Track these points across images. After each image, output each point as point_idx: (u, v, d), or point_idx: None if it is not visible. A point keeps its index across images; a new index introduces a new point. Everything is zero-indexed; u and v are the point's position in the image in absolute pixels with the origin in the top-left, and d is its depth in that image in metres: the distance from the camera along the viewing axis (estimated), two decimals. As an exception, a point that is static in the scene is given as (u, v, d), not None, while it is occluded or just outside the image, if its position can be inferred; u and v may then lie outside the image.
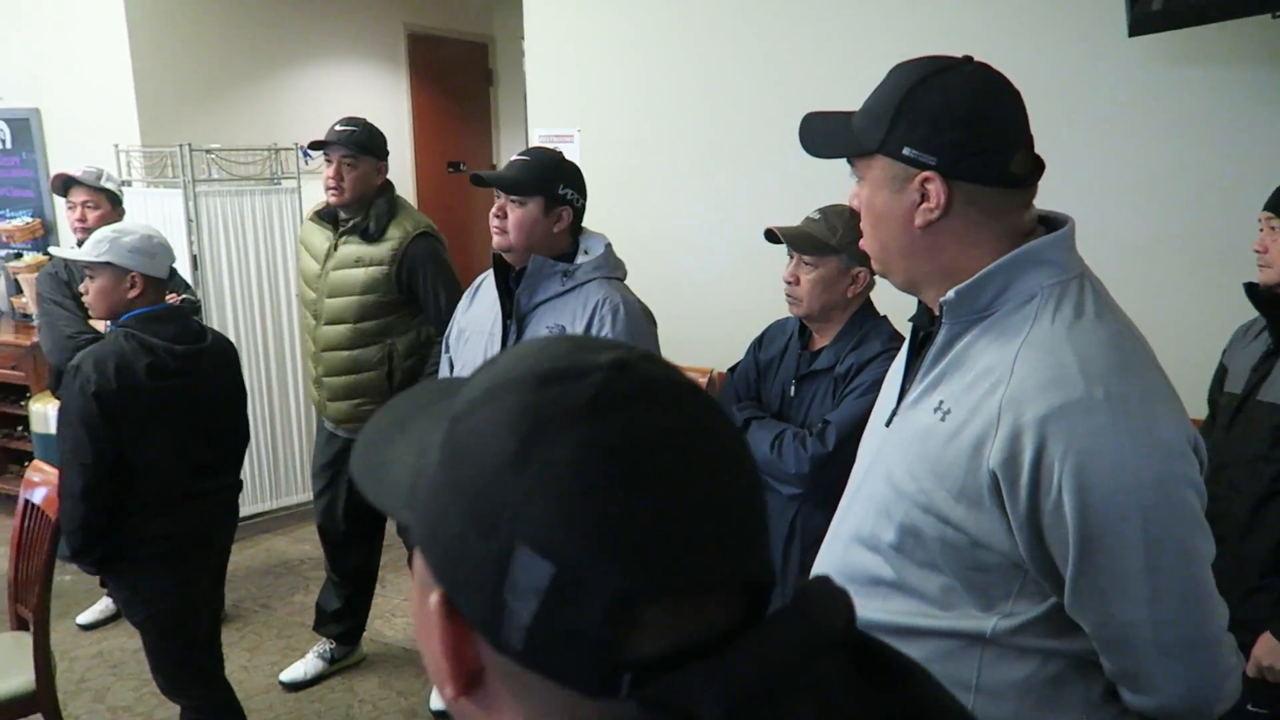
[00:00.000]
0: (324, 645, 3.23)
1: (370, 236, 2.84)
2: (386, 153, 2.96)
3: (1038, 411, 0.98)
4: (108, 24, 4.35)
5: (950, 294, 1.07)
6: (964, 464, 1.02)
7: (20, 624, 2.73)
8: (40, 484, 2.64)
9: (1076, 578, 0.99)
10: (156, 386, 2.27)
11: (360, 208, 2.86)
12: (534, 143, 3.91)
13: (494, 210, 2.18)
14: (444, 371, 2.40)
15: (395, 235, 2.86)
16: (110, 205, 3.39)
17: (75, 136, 4.58)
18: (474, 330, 2.28)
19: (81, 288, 2.43)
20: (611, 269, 2.18)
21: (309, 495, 4.43)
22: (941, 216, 1.06)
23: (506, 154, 6.76)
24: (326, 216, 2.94)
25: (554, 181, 2.15)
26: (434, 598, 0.49)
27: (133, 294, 2.29)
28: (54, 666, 2.54)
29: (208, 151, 4.07)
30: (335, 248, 2.90)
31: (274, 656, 3.35)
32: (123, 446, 2.24)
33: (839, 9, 3.11)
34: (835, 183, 1.37)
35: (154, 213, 3.93)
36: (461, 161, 6.47)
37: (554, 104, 3.79)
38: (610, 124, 3.60)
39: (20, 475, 4.57)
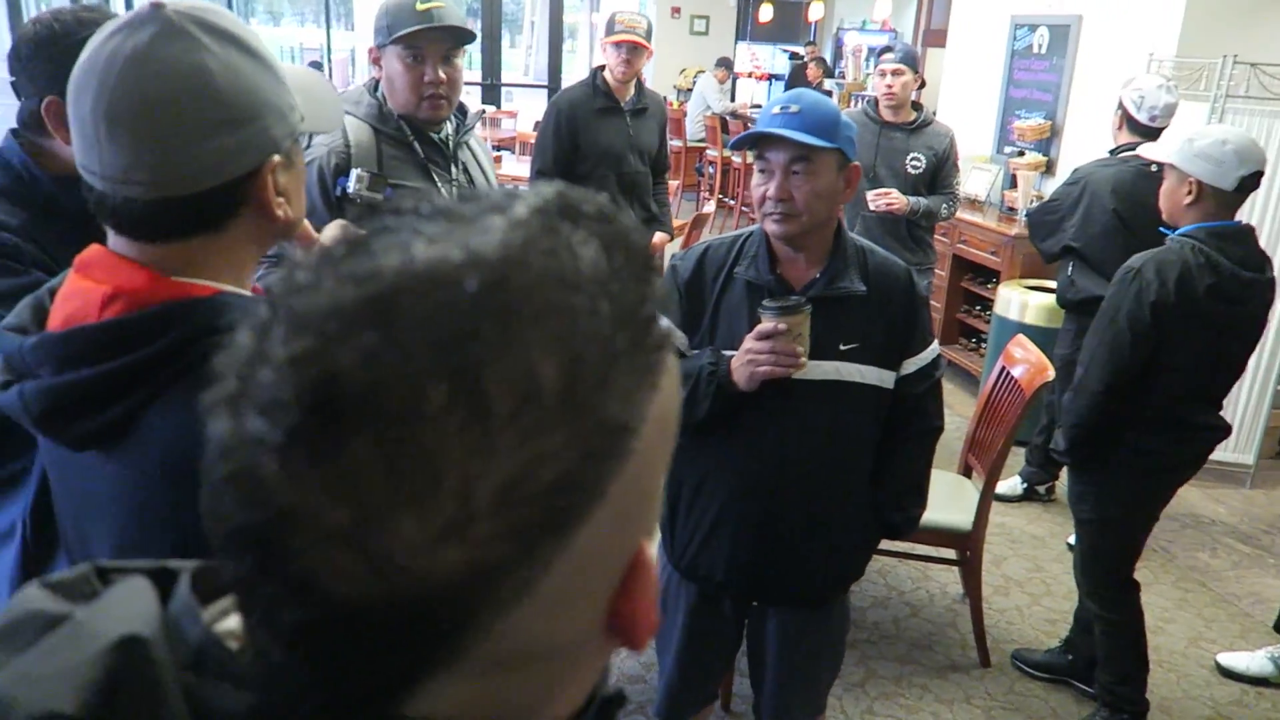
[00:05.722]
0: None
1: None
2: None
3: None
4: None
5: None
6: None
7: (964, 471, 3.11)
8: (1020, 361, 2.89)
9: None
10: (1210, 310, 2.19)
11: None
12: None
13: None
14: None
15: None
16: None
17: (1108, 44, 4.67)
18: None
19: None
20: None
21: (1238, 456, 4.06)
22: None
23: None
24: None
25: None
26: None
27: (1187, 200, 2.23)
28: (986, 520, 2.83)
29: (1251, 65, 3.76)
30: None
31: (1164, 601, 3.21)
32: (1154, 358, 2.22)
33: None
34: None
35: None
36: None
37: None
38: None
39: (968, 348, 5.15)
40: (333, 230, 0.99)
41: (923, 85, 3.78)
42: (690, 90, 10.06)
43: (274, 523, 0.33)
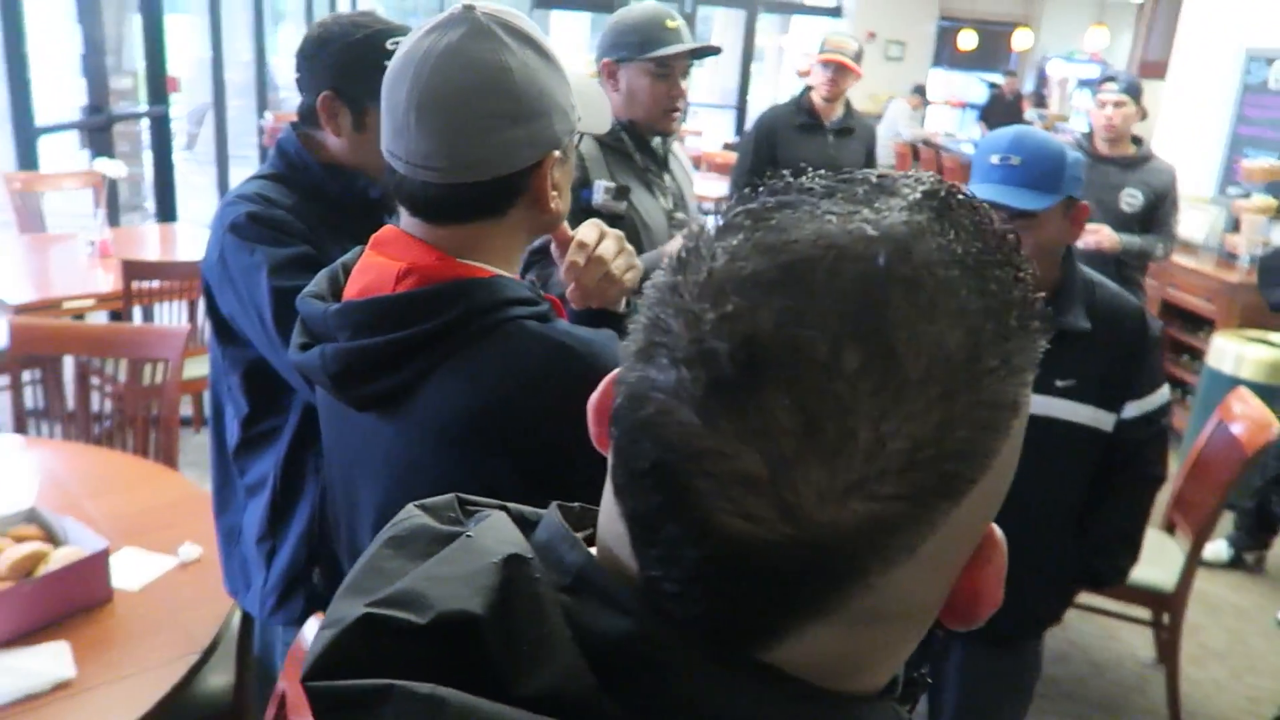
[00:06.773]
0: None
1: None
2: None
3: None
4: None
5: None
6: None
7: (1166, 529, 2.91)
8: (1240, 416, 2.68)
9: None
10: None
11: None
12: None
13: None
14: None
15: None
16: None
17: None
18: None
19: None
20: None
21: None
22: None
23: None
24: None
25: None
26: None
27: None
28: (1191, 583, 2.63)
29: None
30: None
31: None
32: None
33: None
34: None
35: None
36: None
37: None
38: None
39: (1173, 400, 4.81)
40: (588, 229, 1.04)
41: (1143, 118, 3.58)
42: (881, 116, 9.89)
43: (687, 466, 0.36)
